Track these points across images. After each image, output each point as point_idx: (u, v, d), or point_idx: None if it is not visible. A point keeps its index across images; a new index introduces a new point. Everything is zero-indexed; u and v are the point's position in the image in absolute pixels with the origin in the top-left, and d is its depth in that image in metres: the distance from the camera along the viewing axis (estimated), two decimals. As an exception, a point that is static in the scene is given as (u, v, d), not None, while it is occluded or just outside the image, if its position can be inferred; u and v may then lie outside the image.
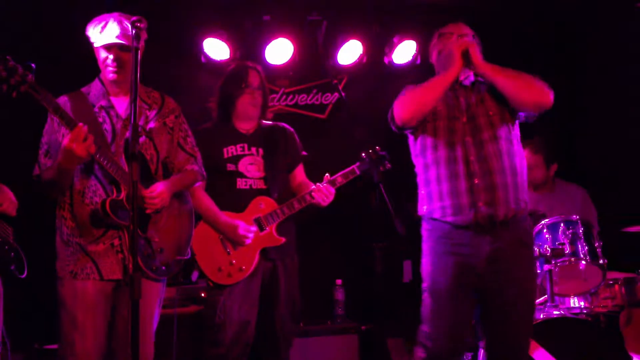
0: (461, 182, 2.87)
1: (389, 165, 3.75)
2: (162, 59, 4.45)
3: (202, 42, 4.91)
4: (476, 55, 2.92)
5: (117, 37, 2.78)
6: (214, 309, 3.41)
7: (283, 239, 3.55)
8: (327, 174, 3.65)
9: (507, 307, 2.85)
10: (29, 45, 4.29)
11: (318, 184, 3.62)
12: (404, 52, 5.17)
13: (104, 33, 2.79)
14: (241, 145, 3.61)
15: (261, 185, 3.57)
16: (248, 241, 3.45)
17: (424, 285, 2.96)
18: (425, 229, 3.02)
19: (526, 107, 2.95)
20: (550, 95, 2.92)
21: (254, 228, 3.47)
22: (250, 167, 3.58)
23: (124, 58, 2.83)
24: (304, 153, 3.82)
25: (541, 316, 3.53)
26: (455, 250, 2.86)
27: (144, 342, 2.74)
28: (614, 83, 5.08)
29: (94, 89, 2.92)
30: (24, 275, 3.34)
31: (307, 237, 5.15)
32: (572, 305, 3.96)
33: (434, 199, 2.95)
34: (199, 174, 3.12)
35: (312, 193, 3.58)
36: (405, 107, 2.97)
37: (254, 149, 3.61)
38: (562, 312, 3.65)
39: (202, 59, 4.97)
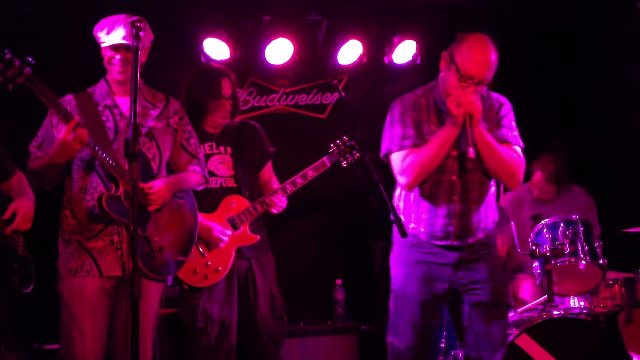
0: (439, 218, 2.98)
1: (357, 155, 3.84)
2: (162, 59, 4.44)
3: (202, 42, 4.90)
4: (476, 125, 2.85)
5: (124, 37, 2.81)
6: (194, 313, 3.38)
7: (258, 237, 3.55)
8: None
9: (478, 307, 2.97)
10: (36, 45, 4.29)
11: (297, 175, 3.67)
12: (404, 52, 5.16)
13: (111, 34, 2.83)
14: (209, 144, 3.59)
15: (231, 183, 3.57)
16: (222, 244, 3.43)
17: (394, 287, 3.08)
18: (396, 233, 3.10)
19: (496, 179, 3.06)
20: (517, 185, 3.05)
21: (229, 231, 3.46)
22: (220, 166, 3.57)
23: (131, 58, 2.83)
24: (272, 150, 3.81)
25: (541, 316, 3.53)
26: (425, 259, 2.98)
27: (142, 342, 2.73)
28: (614, 83, 5.09)
29: (99, 89, 2.96)
30: (28, 290, 3.27)
31: (307, 237, 5.18)
32: (572, 305, 3.96)
33: (410, 217, 3.06)
34: (202, 175, 3.13)
35: (272, 198, 3.60)
36: (410, 179, 2.96)
37: (222, 148, 3.60)
38: (562, 312, 3.65)
39: (202, 59, 4.97)
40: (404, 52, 5.17)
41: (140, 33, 2.49)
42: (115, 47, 2.84)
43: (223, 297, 3.43)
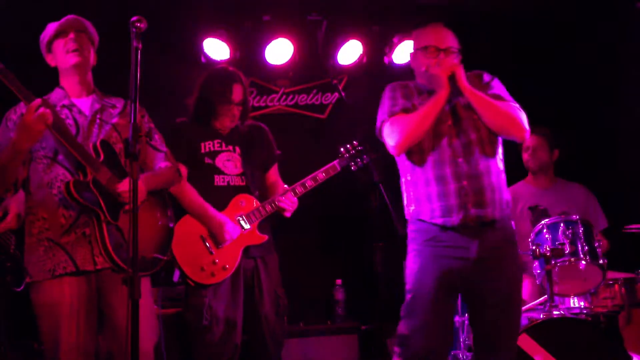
0: (449, 184, 2.90)
1: (367, 159, 3.86)
2: (162, 59, 4.45)
3: (202, 42, 4.91)
4: (462, 80, 2.93)
5: (72, 16, 2.84)
6: (200, 311, 3.37)
7: (266, 237, 3.55)
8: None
9: (495, 307, 2.87)
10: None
11: (307, 177, 3.66)
12: (404, 52, 5.16)
13: (59, 23, 2.87)
14: (218, 141, 3.59)
15: (239, 182, 3.56)
16: (229, 241, 3.43)
17: (408, 286, 2.99)
18: (412, 230, 3.04)
19: (499, 135, 3.01)
20: (524, 133, 2.98)
21: (238, 229, 3.47)
22: (228, 164, 3.57)
23: (82, 39, 2.87)
24: (278, 152, 3.82)
25: (541, 316, 3.53)
26: (444, 253, 2.88)
27: (123, 337, 2.68)
28: (614, 83, 5.09)
29: (54, 95, 2.94)
30: (19, 289, 3.27)
31: (307, 237, 5.18)
32: (572, 305, 3.96)
33: (421, 200, 2.97)
34: (174, 170, 3.07)
35: (279, 199, 3.58)
36: (399, 139, 2.93)
37: (230, 147, 3.60)
38: (562, 312, 3.65)
39: (202, 59, 4.97)
40: (404, 52, 5.17)
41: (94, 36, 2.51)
42: (65, 30, 2.85)
43: (229, 295, 3.43)
